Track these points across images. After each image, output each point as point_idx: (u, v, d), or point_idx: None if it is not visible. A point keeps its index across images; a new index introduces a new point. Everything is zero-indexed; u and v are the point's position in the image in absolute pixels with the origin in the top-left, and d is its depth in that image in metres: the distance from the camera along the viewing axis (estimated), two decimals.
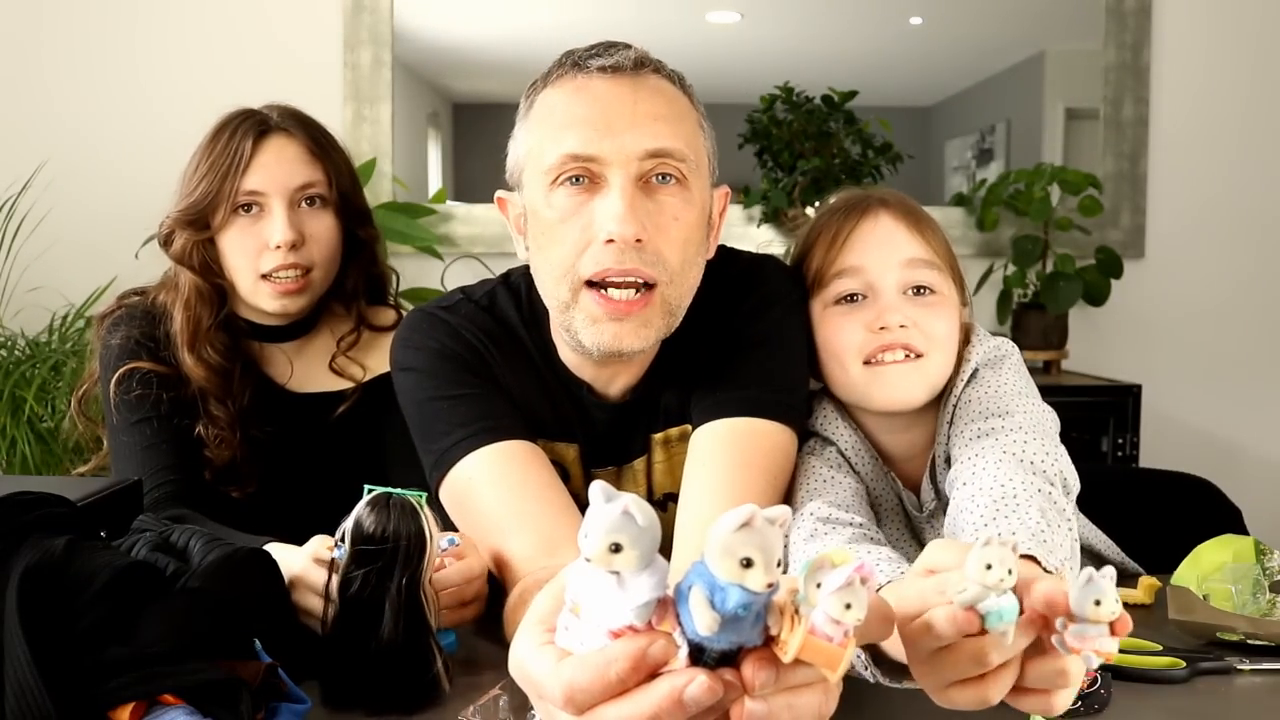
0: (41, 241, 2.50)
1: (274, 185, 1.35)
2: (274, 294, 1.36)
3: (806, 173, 2.51)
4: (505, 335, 1.19)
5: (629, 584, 0.54)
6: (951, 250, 1.16)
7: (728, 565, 0.52)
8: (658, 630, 0.55)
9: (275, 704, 0.84)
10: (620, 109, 1.05)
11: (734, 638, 0.54)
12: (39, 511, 0.85)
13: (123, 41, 2.66)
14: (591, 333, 1.07)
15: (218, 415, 1.35)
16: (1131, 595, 1.19)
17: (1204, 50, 2.77)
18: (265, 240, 1.35)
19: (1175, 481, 1.60)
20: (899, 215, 1.12)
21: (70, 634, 0.76)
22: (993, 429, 1.03)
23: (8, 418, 2.17)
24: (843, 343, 1.09)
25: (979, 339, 1.14)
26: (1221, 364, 2.79)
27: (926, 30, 2.80)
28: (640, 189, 1.05)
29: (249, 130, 1.35)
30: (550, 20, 2.69)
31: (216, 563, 0.90)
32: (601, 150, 1.04)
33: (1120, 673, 0.97)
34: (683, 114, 1.10)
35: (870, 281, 1.09)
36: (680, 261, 1.07)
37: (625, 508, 0.53)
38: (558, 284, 1.08)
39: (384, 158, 2.68)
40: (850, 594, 0.53)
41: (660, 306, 1.07)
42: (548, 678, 0.58)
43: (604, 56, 1.08)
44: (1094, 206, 2.57)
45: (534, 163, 1.09)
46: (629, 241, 1.03)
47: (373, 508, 0.92)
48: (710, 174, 1.13)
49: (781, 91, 2.57)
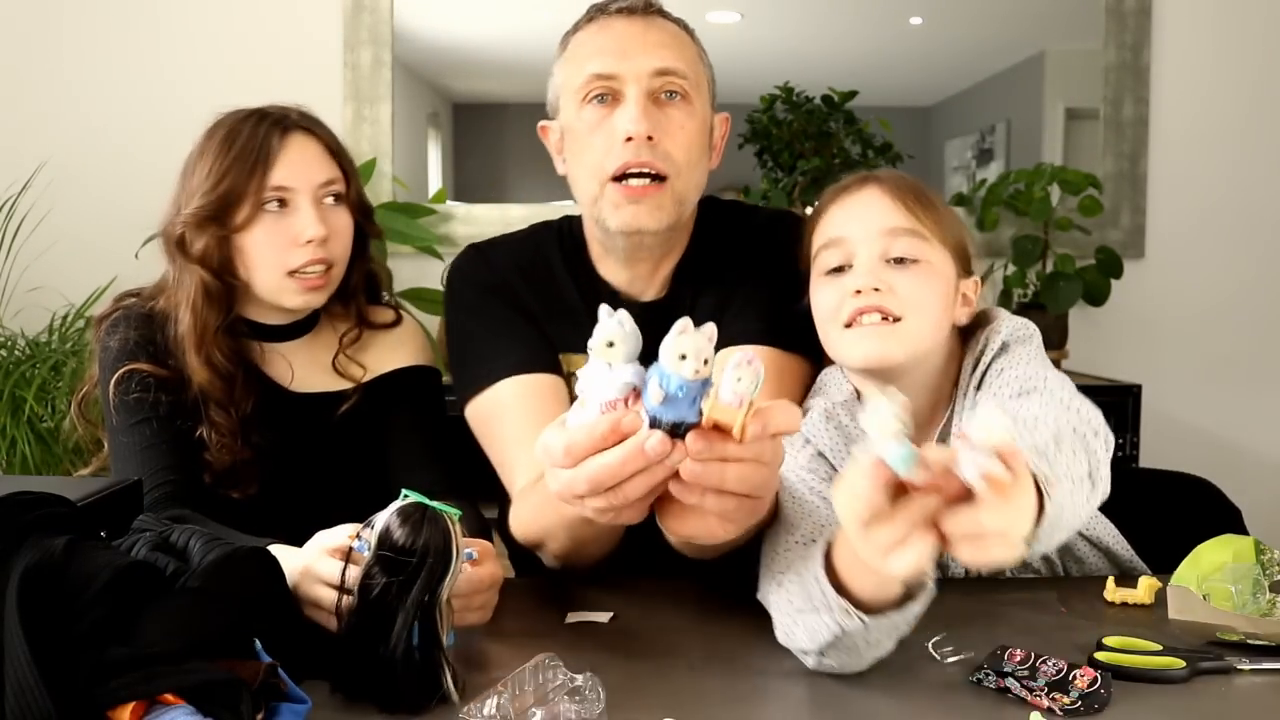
0: (41, 241, 2.50)
1: (301, 181, 1.34)
2: (300, 290, 1.36)
3: (806, 173, 2.52)
4: (540, 261, 1.41)
5: (616, 370, 0.82)
6: (955, 225, 1.20)
7: (670, 359, 0.78)
8: (631, 410, 0.81)
9: (275, 704, 0.84)
10: (634, 38, 1.30)
11: (677, 412, 0.80)
12: (39, 511, 0.85)
13: (123, 42, 2.66)
14: (615, 216, 1.30)
15: (219, 421, 1.34)
16: (1132, 595, 1.19)
17: (1204, 50, 2.77)
18: (294, 236, 1.34)
19: (1175, 481, 1.60)
20: (886, 188, 1.18)
21: (70, 634, 0.76)
22: (1035, 388, 1.09)
23: (8, 418, 2.17)
24: (827, 309, 1.17)
25: (1006, 316, 1.21)
26: (1221, 364, 2.79)
27: (926, 30, 2.80)
28: (652, 101, 1.28)
29: (273, 126, 1.34)
30: (550, 20, 2.68)
31: (216, 562, 0.90)
32: (619, 69, 1.28)
33: (1120, 673, 0.97)
34: (685, 44, 1.34)
35: (851, 251, 1.16)
36: (685, 160, 1.30)
37: (619, 319, 0.81)
38: (589, 180, 1.31)
39: (384, 158, 2.68)
40: (740, 371, 0.78)
41: (670, 195, 1.29)
42: (555, 439, 0.85)
43: (620, 1, 1.34)
44: (1094, 206, 2.57)
45: (567, 88, 1.33)
46: (642, 139, 1.26)
47: (405, 518, 0.91)
48: (710, 97, 1.36)
49: (781, 91, 2.58)
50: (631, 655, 1.07)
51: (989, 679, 0.96)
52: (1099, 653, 1.01)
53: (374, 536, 0.92)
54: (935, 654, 1.05)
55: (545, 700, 0.85)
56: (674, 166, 1.29)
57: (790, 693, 0.99)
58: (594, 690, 0.86)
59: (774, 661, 1.05)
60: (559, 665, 0.88)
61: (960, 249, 1.20)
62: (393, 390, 1.44)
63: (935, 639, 1.07)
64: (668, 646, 1.09)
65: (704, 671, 1.03)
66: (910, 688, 0.99)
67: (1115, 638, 1.05)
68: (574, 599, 1.24)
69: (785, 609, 1.00)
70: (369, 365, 1.44)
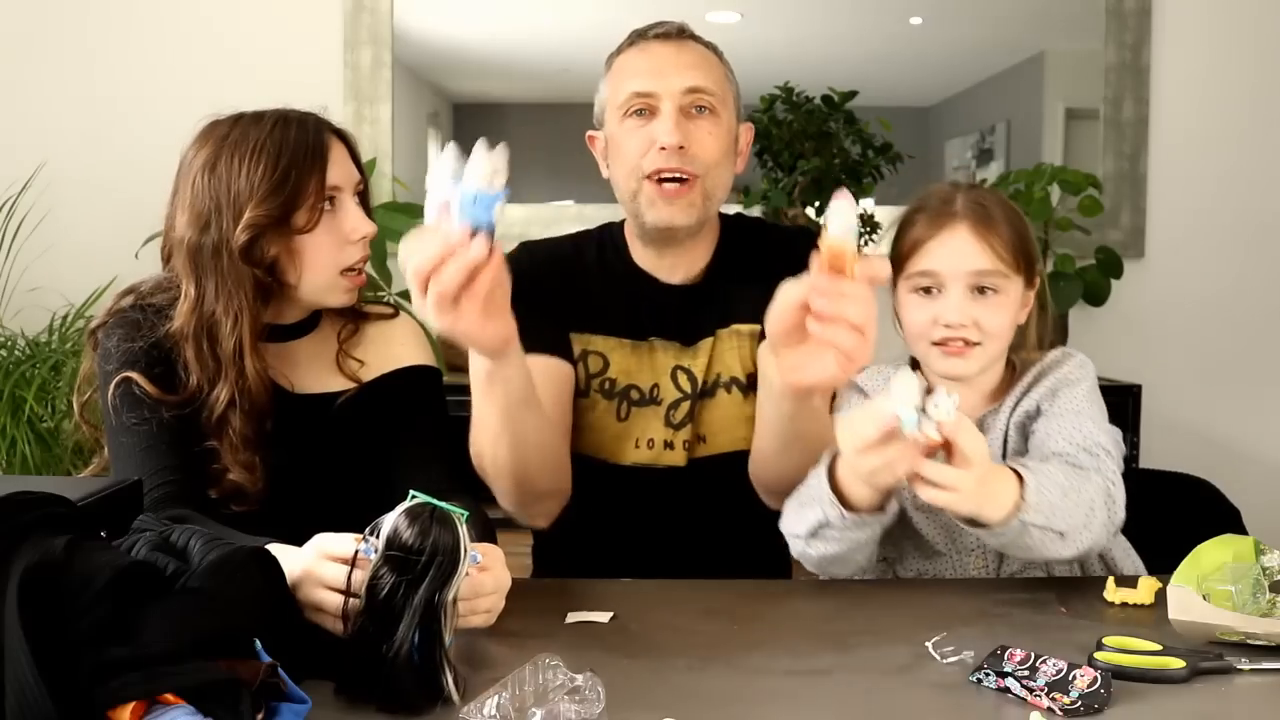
0: (41, 241, 2.51)
1: (348, 180, 1.36)
2: (349, 287, 1.38)
3: (806, 173, 2.52)
4: (575, 255, 1.59)
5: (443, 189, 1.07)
6: (1025, 239, 1.36)
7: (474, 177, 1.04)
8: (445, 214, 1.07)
9: (275, 704, 0.84)
10: (668, 60, 1.48)
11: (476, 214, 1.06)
12: (39, 511, 0.85)
13: (122, 42, 2.66)
14: (651, 212, 1.47)
15: (239, 428, 1.31)
16: (1132, 595, 1.19)
17: (1204, 50, 2.77)
18: (348, 234, 1.35)
19: (1175, 481, 1.61)
20: (973, 228, 1.33)
21: (70, 634, 0.76)
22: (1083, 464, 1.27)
23: (8, 418, 2.18)
24: (917, 326, 1.36)
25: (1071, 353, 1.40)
26: (1221, 364, 2.79)
27: (926, 30, 2.80)
28: (684, 115, 1.46)
29: (321, 127, 1.36)
30: (550, 20, 2.68)
31: (216, 562, 0.90)
32: (656, 87, 1.46)
33: (1120, 673, 0.97)
34: (714, 65, 1.52)
35: (942, 282, 1.33)
36: (713, 161, 1.47)
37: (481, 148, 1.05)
38: (628, 179, 1.48)
39: (384, 158, 2.68)
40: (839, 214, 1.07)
41: (700, 191, 1.47)
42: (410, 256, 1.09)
43: (657, 28, 1.53)
44: (1094, 206, 2.57)
45: (611, 103, 1.51)
46: (674, 148, 1.44)
47: (413, 518, 0.91)
48: (736, 111, 1.54)
49: (781, 91, 2.57)
50: (631, 655, 1.07)
51: (989, 679, 0.96)
52: (1099, 653, 1.01)
53: (382, 537, 0.92)
54: (935, 654, 1.05)
55: (545, 700, 0.85)
56: (703, 167, 1.46)
57: (790, 693, 0.99)
58: (594, 690, 0.86)
59: (774, 661, 1.05)
60: (559, 665, 0.88)
61: (1030, 265, 1.36)
62: (394, 390, 1.44)
63: (935, 639, 1.07)
64: (668, 646, 1.09)
65: (704, 671, 1.03)
66: (910, 688, 0.99)
67: (1115, 637, 1.05)
68: (574, 599, 1.24)
69: (792, 502, 1.29)
70: (370, 364, 1.44)
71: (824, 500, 1.22)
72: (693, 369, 1.52)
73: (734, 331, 1.53)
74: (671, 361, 1.53)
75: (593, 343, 1.54)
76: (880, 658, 1.06)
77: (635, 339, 1.54)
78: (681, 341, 1.53)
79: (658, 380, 1.53)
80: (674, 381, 1.52)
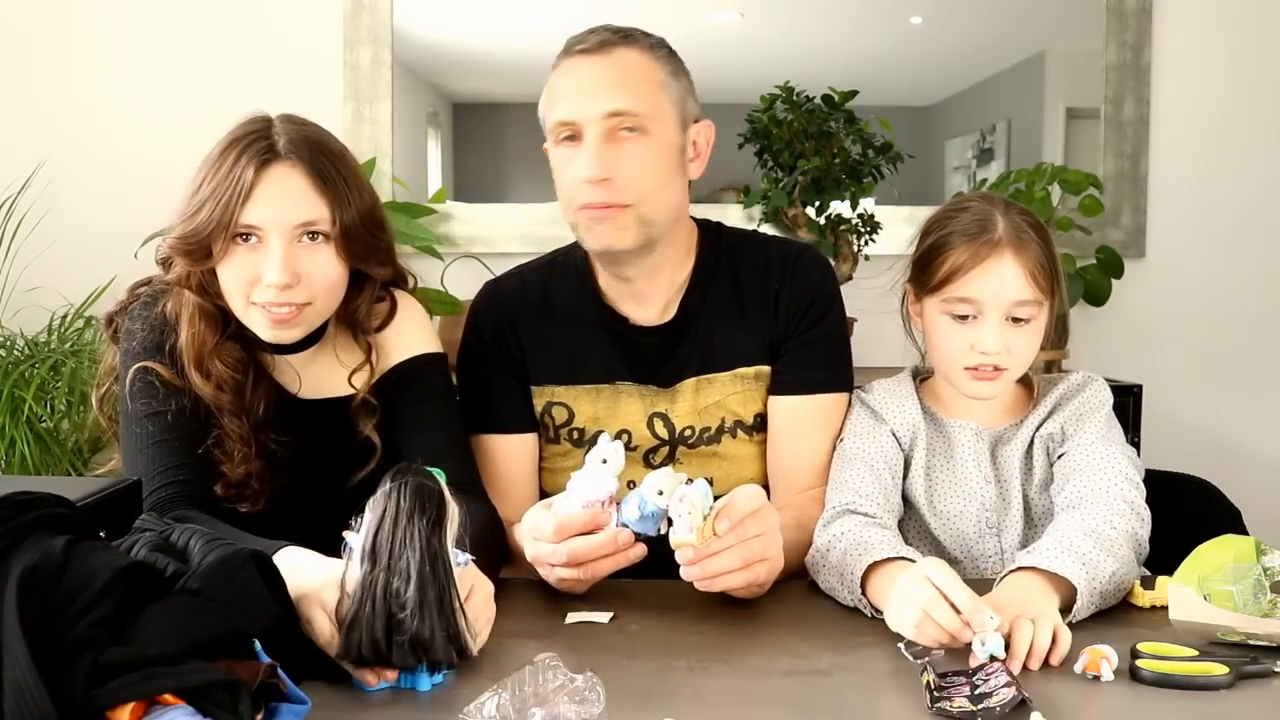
0: (41, 241, 2.50)
1: (272, 220, 1.29)
2: (268, 323, 1.32)
3: (806, 172, 2.51)
4: (547, 299, 1.54)
5: (604, 480, 1.17)
6: (1054, 259, 1.39)
7: (650, 490, 1.14)
8: (607, 510, 1.16)
9: (275, 704, 0.84)
10: (590, 82, 1.42)
11: (642, 526, 1.16)
12: (39, 511, 0.85)
13: (122, 41, 2.66)
14: (589, 238, 1.45)
15: (232, 429, 1.32)
16: (1160, 598, 1.18)
17: (1204, 50, 2.76)
18: (259, 273, 1.29)
19: (1175, 481, 1.60)
20: (1015, 257, 1.35)
21: (69, 634, 0.76)
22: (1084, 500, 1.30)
23: (7, 418, 2.17)
24: (950, 350, 1.39)
25: (1092, 377, 1.46)
26: (1221, 364, 2.78)
27: (926, 30, 2.80)
28: (609, 140, 1.40)
29: (252, 158, 1.28)
30: (550, 20, 2.68)
31: (216, 564, 0.90)
32: (576, 115, 1.41)
33: (1165, 681, 0.97)
34: (645, 77, 1.42)
35: (980, 309, 1.36)
36: (647, 186, 1.41)
37: (615, 446, 1.19)
38: (566, 209, 1.46)
39: (384, 157, 2.67)
40: (680, 507, 1.12)
41: (633, 218, 1.41)
42: (545, 520, 1.19)
43: (582, 42, 1.45)
44: (1094, 206, 2.56)
45: (545, 127, 1.47)
46: (597, 181, 1.39)
47: (395, 474, 0.98)
48: (679, 118, 1.46)
49: (781, 91, 2.57)
50: (631, 655, 1.07)
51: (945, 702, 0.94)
52: (1140, 661, 1.00)
53: (368, 509, 0.97)
54: (907, 654, 1.05)
55: (545, 700, 0.85)
56: (634, 195, 1.40)
57: (790, 693, 0.98)
58: (594, 690, 0.86)
59: (774, 661, 1.05)
60: (559, 665, 0.88)
61: (1057, 282, 1.39)
62: (401, 382, 1.43)
63: (904, 640, 1.07)
64: (668, 646, 1.09)
65: (704, 671, 1.03)
66: (909, 688, 0.99)
67: (1149, 644, 1.04)
68: (574, 599, 1.24)
69: (823, 564, 1.30)
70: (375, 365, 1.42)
71: (857, 599, 1.22)
72: (670, 414, 1.49)
73: (737, 376, 1.50)
74: (646, 407, 1.49)
75: (556, 394, 1.52)
76: (880, 658, 1.06)
77: (600, 383, 1.51)
78: (657, 384, 1.51)
79: (629, 427, 1.49)
80: (650, 428, 1.49)
